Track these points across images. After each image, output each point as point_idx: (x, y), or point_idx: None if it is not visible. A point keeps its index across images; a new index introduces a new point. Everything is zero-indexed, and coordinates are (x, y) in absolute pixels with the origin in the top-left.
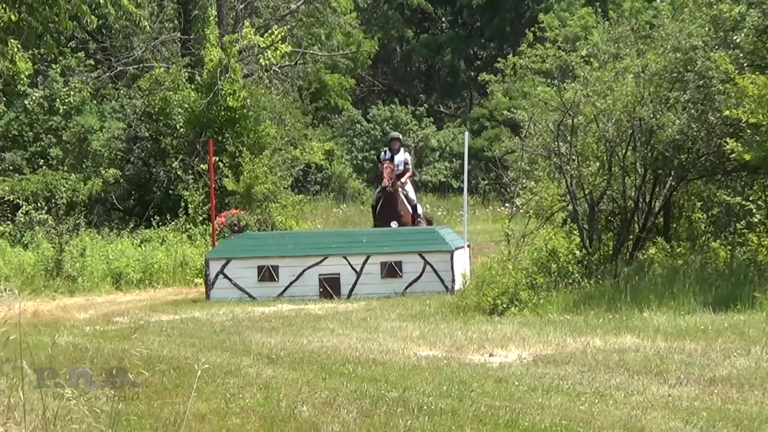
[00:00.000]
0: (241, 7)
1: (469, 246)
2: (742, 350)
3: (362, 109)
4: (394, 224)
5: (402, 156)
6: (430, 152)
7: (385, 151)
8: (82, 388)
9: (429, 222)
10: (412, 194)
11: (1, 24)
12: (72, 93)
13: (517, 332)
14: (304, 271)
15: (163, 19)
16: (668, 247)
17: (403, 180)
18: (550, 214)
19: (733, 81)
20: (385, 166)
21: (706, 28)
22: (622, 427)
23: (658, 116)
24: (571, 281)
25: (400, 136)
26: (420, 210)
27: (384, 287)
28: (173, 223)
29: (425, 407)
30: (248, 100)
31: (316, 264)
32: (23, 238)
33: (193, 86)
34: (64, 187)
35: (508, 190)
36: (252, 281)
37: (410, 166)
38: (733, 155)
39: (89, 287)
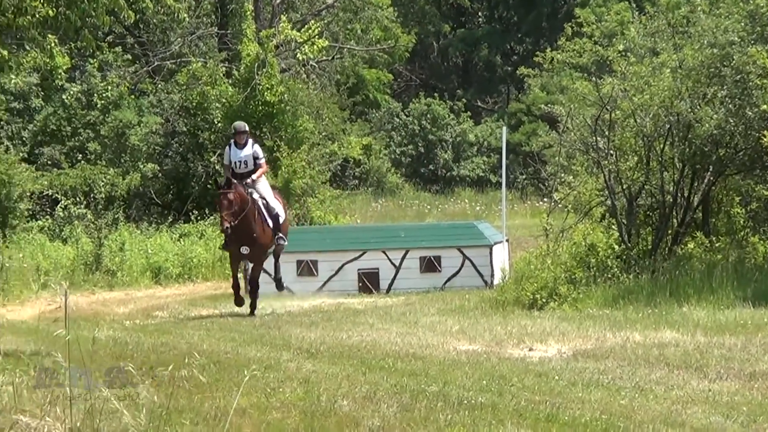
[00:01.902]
0: (278, 1)
1: (507, 241)
2: None
3: (400, 103)
4: (244, 250)
5: (250, 149)
6: (468, 147)
7: (229, 146)
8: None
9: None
10: (269, 196)
11: (39, 18)
12: (110, 88)
13: (557, 327)
14: (343, 265)
15: (201, 13)
16: (707, 241)
17: (254, 177)
18: (589, 208)
19: None
20: (221, 198)
21: (743, 23)
22: (663, 422)
23: (695, 111)
24: (610, 276)
25: (247, 128)
26: (283, 216)
27: (423, 282)
28: (212, 217)
29: (465, 401)
30: (286, 95)
31: (355, 259)
32: (62, 233)
33: (230, 81)
34: (103, 181)
35: (547, 184)
36: (291, 276)
37: (262, 161)
38: None
39: (128, 282)
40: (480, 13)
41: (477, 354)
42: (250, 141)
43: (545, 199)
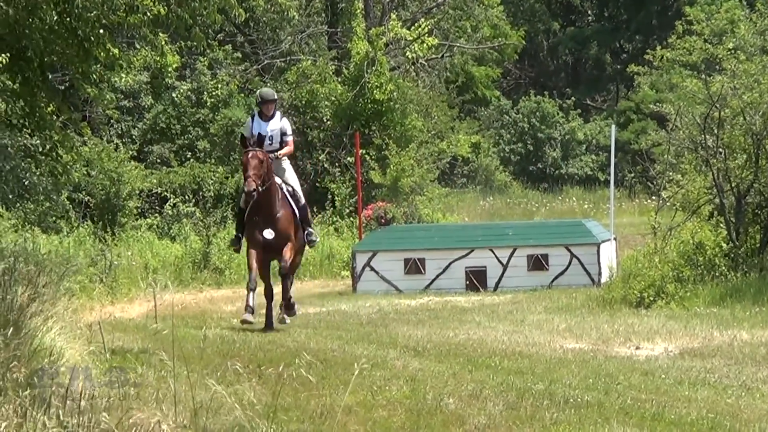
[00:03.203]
0: (388, 0)
1: (615, 239)
2: None
3: (510, 101)
4: (268, 234)
5: (278, 123)
6: (577, 145)
7: (253, 117)
8: (230, 380)
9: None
10: (294, 183)
11: (150, 17)
12: (219, 86)
13: (664, 325)
14: (450, 263)
15: (311, 11)
16: None
17: (278, 155)
18: (697, 206)
19: None
20: (249, 156)
21: None
22: None
23: None
24: (717, 274)
25: (275, 96)
26: (307, 210)
27: (530, 280)
28: (320, 215)
29: (571, 400)
30: (395, 93)
31: (463, 257)
32: (171, 231)
33: (339, 79)
34: (212, 179)
35: (655, 182)
36: (398, 274)
37: (290, 138)
38: None
39: (236, 279)
40: (589, 12)
41: (583, 352)
42: (278, 113)
43: (653, 198)
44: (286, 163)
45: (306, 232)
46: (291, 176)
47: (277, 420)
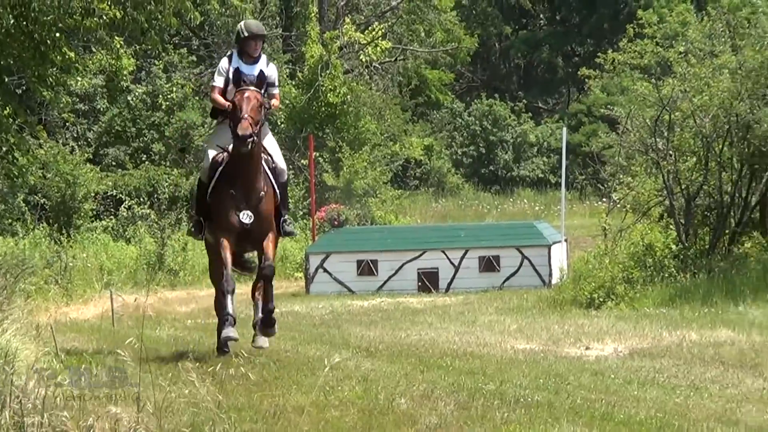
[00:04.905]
0: (342, 4)
1: (566, 240)
2: None
3: (462, 104)
4: (246, 217)
5: (264, 66)
6: (528, 148)
7: (230, 57)
8: (184, 381)
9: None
10: (276, 152)
11: (106, 20)
12: (174, 89)
13: (614, 326)
14: (402, 265)
15: (266, 15)
16: (764, 241)
17: (272, 106)
18: (647, 208)
19: None
20: (245, 95)
21: None
22: (717, 420)
23: (754, 112)
24: (667, 275)
25: (265, 32)
26: (287, 190)
27: (482, 281)
28: None
29: (522, 400)
30: (348, 96)
31: (415, 258)
32: (126, 233)
33: (294, 82)
34: (166, 182)
35: (606, 185)
36: (351, 275)
37: (277, 90)
38: None
39: (191, 281)
40: (541, 15)
41: (534, 353)
42: (264, 57)
43: (604, 200)
44: (266, 126)
45: (282, 218)
46: (271, 143)
47: (230, 420)
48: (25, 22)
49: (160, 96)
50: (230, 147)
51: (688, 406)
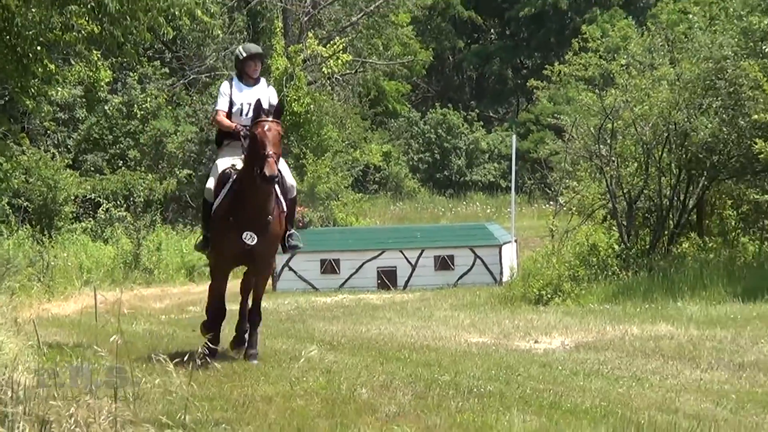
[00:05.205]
0: (306, 19)
1: (516, 241)
2: None
3: (418, 113)
4: (249, 239)
5: (264, 89)
6: (480, 154)
7: (231, 80)
8: (158, 372)
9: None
10: (287, 173)
11: (85, 35)
12: (149, 99)
13: (561, 321)
14: (363, 264)
15: (234, 30)
16: (700, 242)
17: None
18: (591, 211)
19: (762, 88)
20: (265, 128)
21: (737, 39)
22: (657, 409)
23: (691, 120)
24: (610, 273)
25: (262, 52)
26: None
27: (437, 279)
28: None
29: (475, 390)
30: (312, 106)
31: (375, 257)
32: (104, 234)
33: None
34: (142, 186)
35: (553, 189)
36: (315, 273)
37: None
38: (762, 156)
39: (164, 279)
40: (492, 30)
41: (486, 346)
42: (263, 80)
43: (551, 203)
44: None
45: (287, 233)
46: (281, 164)
47: (202, 409)
48: (8, 36)
49: (135, 105)
50: (239, 165)
51: (631, 395)
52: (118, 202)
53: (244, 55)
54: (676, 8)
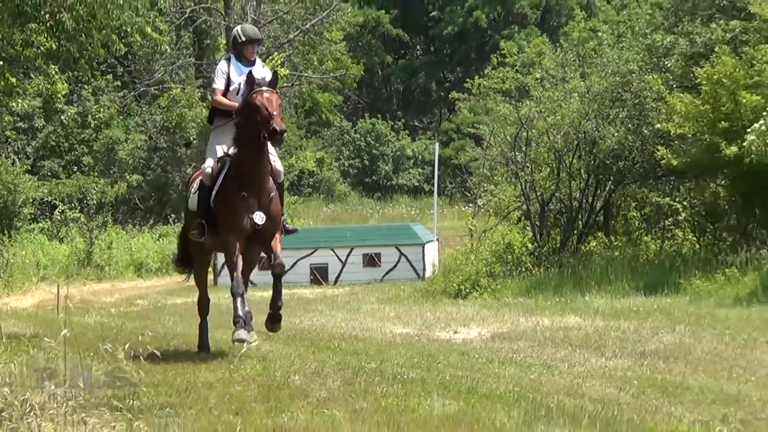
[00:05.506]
0: None
1: (438, 240)
2: (668, 328)
3: (350, 123)
4: (259, 218)
5: (261, 71)
6: (406, 160)
7: (228, 60)
8: (108, 361)
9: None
10: (275, 158)
11: (44, 50)
12: (102, 110)
13: (478, 313)
14: (297, 261)
15: (181, 46)
16: (607, 240)
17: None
18: (507, 212)
19: (664, 99)
20: (265, 94)
21: (641, 55)
22: (566, 394)
23: (599, 129)
24: (524, 270)
25: (261, 37)
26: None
27: (365, 275)
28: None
29: (399, 376)
30: None
31: (308, 255)
32: (59, 234)
33: (205, 104)
34: (95, 190)
35: (472, 192)
36: (253, 269)
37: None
38: (663, 162)
39: (115, 275)
40: (418, 47)
41: (409, 336)
42: (259, 60)
43: (470, 205)
44: None
45: (283, 218)
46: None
47: (148, 394)
48: None
49: (90, 116)
50: (232, 151)
51: (541, 381)
52: (73, 205)
53: (243, 39)
54: (586, 26)
